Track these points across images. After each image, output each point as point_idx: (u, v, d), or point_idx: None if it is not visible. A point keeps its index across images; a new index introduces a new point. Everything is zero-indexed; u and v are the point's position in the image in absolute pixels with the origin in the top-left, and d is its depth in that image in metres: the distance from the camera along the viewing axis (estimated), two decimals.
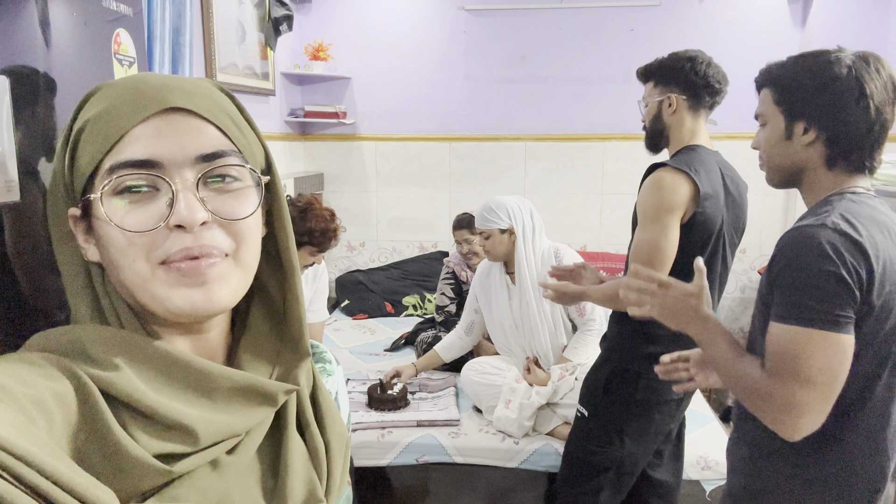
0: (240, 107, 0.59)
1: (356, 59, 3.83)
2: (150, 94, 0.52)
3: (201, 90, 0.55)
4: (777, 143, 1.21)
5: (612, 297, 1.68)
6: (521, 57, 3.75)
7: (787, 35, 3.52)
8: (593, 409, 1.85)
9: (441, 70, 3.81)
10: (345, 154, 3.97)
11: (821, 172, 1.17)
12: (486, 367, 2.47)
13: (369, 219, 4.02)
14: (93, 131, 0.52)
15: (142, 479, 0.47)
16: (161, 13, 2.09)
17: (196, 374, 0.53)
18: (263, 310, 0.62)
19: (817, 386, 1.03)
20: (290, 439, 0.58)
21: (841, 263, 1.02)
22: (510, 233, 2.38)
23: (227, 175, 0.54)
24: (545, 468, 2.22)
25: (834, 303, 1.02)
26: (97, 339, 0.51)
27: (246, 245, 0.55)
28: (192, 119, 0.53)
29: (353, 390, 2.60)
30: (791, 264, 1.06)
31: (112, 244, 0.51)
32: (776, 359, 1.06)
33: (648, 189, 1.66)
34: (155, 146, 0.51)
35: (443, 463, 2.26)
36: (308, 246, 2.08)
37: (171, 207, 0.50)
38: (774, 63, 1.22)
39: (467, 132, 3.86)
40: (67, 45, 0.82)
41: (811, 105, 1.15)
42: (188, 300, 0.52)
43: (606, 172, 3.81)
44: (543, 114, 3.80)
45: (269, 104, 3.46)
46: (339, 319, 3.66)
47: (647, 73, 1.81)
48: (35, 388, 0.44)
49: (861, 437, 1.12)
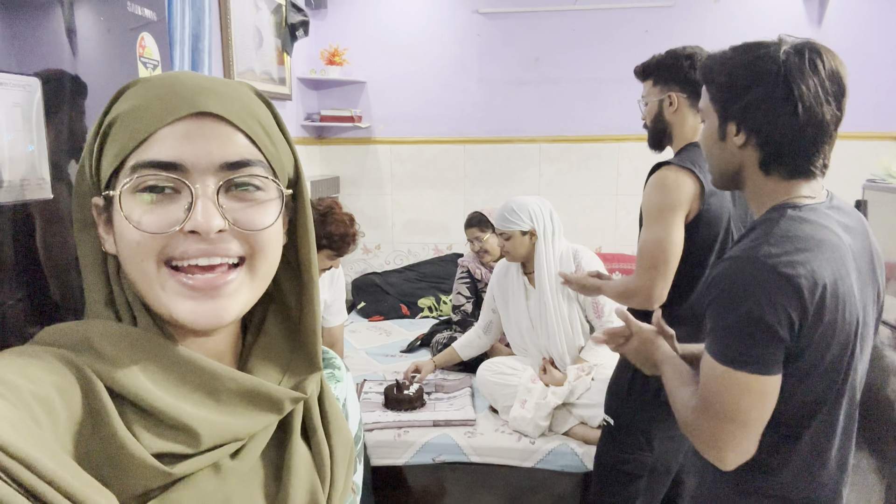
0: (275, 114, 0.58)
1: (371, 64, 3.86)
2: (184, 95, 0.52)
3: (236, 95, 0.55)
4: (712, 143, 1.14)
5: (623, 293, 1.70)
6: (535, 59, 3.77)
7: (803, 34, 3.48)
8: (619, 416, 1.83)
9: (455, 73, 3.83)
10: (360, 157, 4.00)
11: (758, 178, 1.09)
12: (502, 368, 2.48)
13: (384, 221, 4.05)
14: (122, 126, 0.52)
15: (142, 479, 0.47)
16: (181, 19, 2.13)
17: (203, 375, 0.52)
18: (279, 316, 0.61)
19: (737, 424, 1.00)
20: (294, 446, 0.58)
21: (767, 305, 0.96)
22: (531, 234, 2.38)
23: (251, 185, 0.54)
24: (561, 468, 2.22)
25: (756, 346, 0.98)
26: (105, 335, 0.51)
27: (262, 255, 0.55)
28: (223, 125, 0.53)
29: (370, 391, 2.62)
30: (717, 300, 1.01)
31: (125, 240, 0.52)
32: (702, 392, 1.05)
33: (652, 188, 1.66)
34: (181, 149, 0.51)
35: (459, 462, 2.27)
36: (327, 250, 2.10)
37: (188, 212, 0.50)
38: (713, 55, 1.13)
39: (482, 134, 3.88)
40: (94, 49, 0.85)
41: (740, 104, 1.06)
42: (192, 313, 0.52)
43: (621, 173, 3.81)
44: (558, 115, 3.81)
45: (286, 109, 3.51)
46: (356, 321, 3.68)
47: (645, 72, 1.79)
48: (40, 384, 0.44)
49: (800, 459, 1.07)
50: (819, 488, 1.08)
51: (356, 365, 2.94)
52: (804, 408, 1.05)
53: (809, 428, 1.05)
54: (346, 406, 0.73)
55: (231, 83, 0.56)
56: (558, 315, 2.39)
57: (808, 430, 1.05)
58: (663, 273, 1.62)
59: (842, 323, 1.00)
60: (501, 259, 2.59)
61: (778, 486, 1.08)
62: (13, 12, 0.71)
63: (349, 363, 2.89)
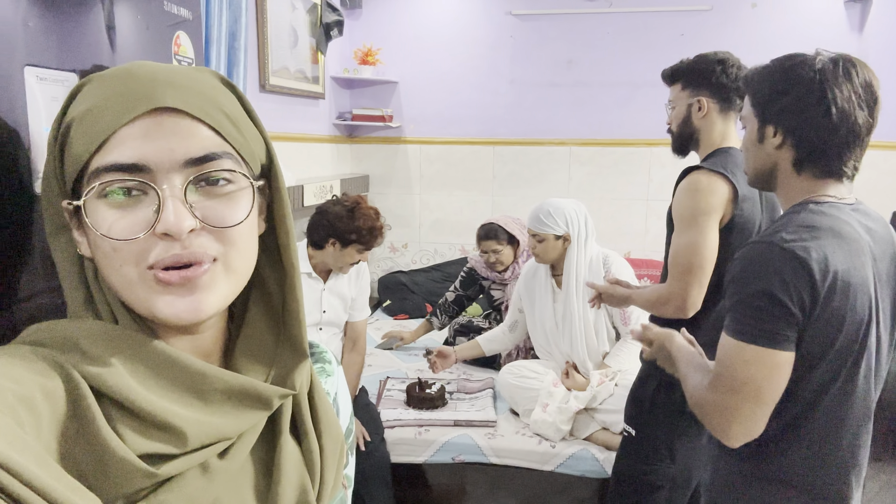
0: (242, 100, 0.56)
1: (404, 64, 3.89)
2: (139, 91, 0.49)
3: (196, 85, 0.52)
4: (752, 146, 1.22)
5: (655, 301, 1.67)
6: (568, 61, 3.75)
7: (844, 41, 3.41)
8: (641, 426, 1.80)
9: (487, 74, 3.84)
10: (390, 157, 4.03)
11: (791, 176, 1.18)
12: (524, 371, 2.47)
13: (412, 221, 4.07)
14: (80, 129, 0.50)
15: (127, 481, 0.46)
16: (218, 18, 2.18)
17: (189, 374, 0.51)
18: (262, 306, 0.60)
19: (746, 397, 1.06)
20: (283, 443, 0.57)
21: (779, 283, 1.03)
22: (565, 239, 2.37)
23: (220, 178, 0.52)
24: (581, 473, 2.21)
25: (769, 321, 1.04)
26: (91, 335, 0.50)
27: (236, 250, 0.53)
28: (183, 119, 0.50)
29: (393, 388, 2.64)
30: (735, 279, 1.10)
31: (98, 249, 0.50)
32: (717, 368, 1.11)
33: (684, 192, 1.64)
34: (142, 149, 0.49)
35: (479, 463, 2.28)
36: (356, 244, 2.14)
37: (157, 214, 0.49)
38: (754, 67, 1.23)
39: (512, 136, 3.88)
40: (131, 47, 0.88)
41: (777, 107, 1.15)
42: (172, 308, 0.51)
43: (652, 178, 3.77)
44: (589, 118, 3.78)
45: (319, 107, 3.55)
46: (381, 319, 3.71)
47: (674, 75, 1.78)
48: (24, 384, 0.43)
49: (809, 443, 1.12)
50: (827, 475, 1.13)
51: (380, 362, 2.97)
52: (811, 395, 1.10)
53: (815, 415, 1.10)
54: (337, 400, 0.72)
55: (190, 71, 0.53)
56: (583, 321, 2.38)
57: (815, 417, 1.11)
58: (699, 279, 1.59)
59: (852, 311, 1.06)
60: (530, 260, 2.59)
61: (785, 471, 1.13)
62: (54, 9, 0.74)
63: (373, 360, 2.91)
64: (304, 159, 3.36)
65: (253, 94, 2.72)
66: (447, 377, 2.75)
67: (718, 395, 1.09)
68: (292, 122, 3.21)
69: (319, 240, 2.19)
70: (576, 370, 2.42)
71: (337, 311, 2.30)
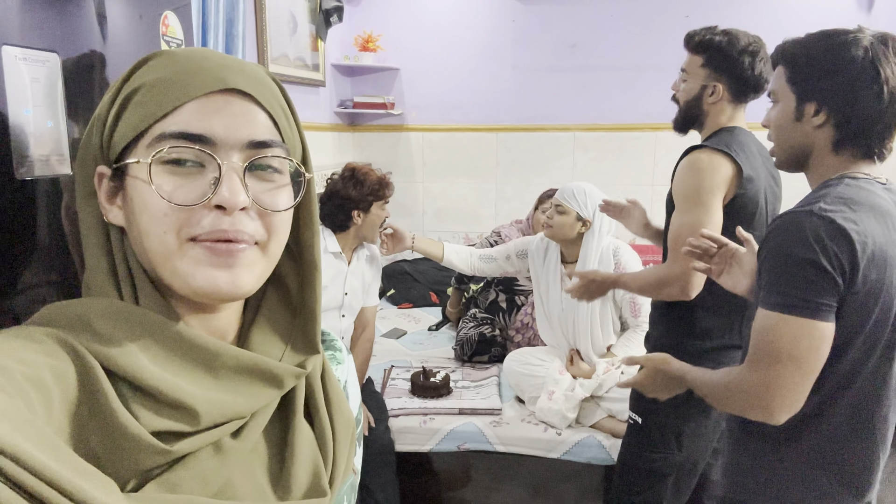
0: (288, 98, 0.58)
1: (405, 50, 3.85)
2: (212, 71, 0.52)
3: (259, 76, 0.55)
4: (786, 123, 1.18)
5: (655, 283, 1.63)
6: (571, 45, 3.70)
7: (852, 20, 3.34)
8: (646, 414, 1.77)
9: (489, 60, 3.79)
10: (392, 145, 4.00)
11: (827, 156, 1.15)
12: (530, 358, 2.45)
13: (415, 209, 4.05)
14: (147, 95, 0.51)
15: (140, 458, 0.46)
16: (215, 3, 2.15)
17: (203, 353, 0.52)
18: (278, 297, 0.61)
19: (788, 368, 1.04)
20: (297, 425, 0.57)
21: (821, 251, 1.01)
22: (584, 223, 2.34)
23: (271, 166, 0.54)
24: (587, 460, 2.20)
25: (812, 290, 1.02)
26: (104, 314, 0.50)
27: (276, 237, 0.55)
28: (249, 103, 0.53)
29: (397, 377, 2.63)
30: (774, 250, 1.07)
31: (147, 211, 0.51)
32: (755, 344, 1.09)
33: (686, 171, 1.58)
34: (210, 123, 0.51)
35: (484, 451, 2.27)
36: (376, 202, 2.24)
37: (215, 187, 0.50)
38: (790, 40, 1.18)
39: (515, 122, 3.84)
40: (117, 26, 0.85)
41: (823, 86, 1.12)
42: (212, 281, 0.51)
43: (658, 163, 3.73)
44: (593, 103, 3.74)
45: (319, 95, 3.52)
46: (386, 308, 3.70)
47: (699, 47, 1.66)
48: (34, 366, 0.43)
49: (843, 420, 1.10)
50: (856, 456, 1.12)
51: (384, 350, 2.95)
52: (845, 372, 1.08)
53: (848, 393, 1.09)
54: (347, 388, 0.73)
55: (250, 63, 0.56)
56: (589, 311, 2.34)
57: (848, 396, 1.09)
58: None
59: (888, 286, 1.05)
60: (538, 236, 2.53)
61: (815, 451, 1.12)
62: None
63: (377, 349, 2.90)
64: None
65: None
66: (451, 365, 2.74)
67: (761, 371, 1.07)
68: None
69: (344, 220, 2.22)
70: (580, 358, 2.39)
71: (357, 294, 2.32)
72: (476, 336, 2.84)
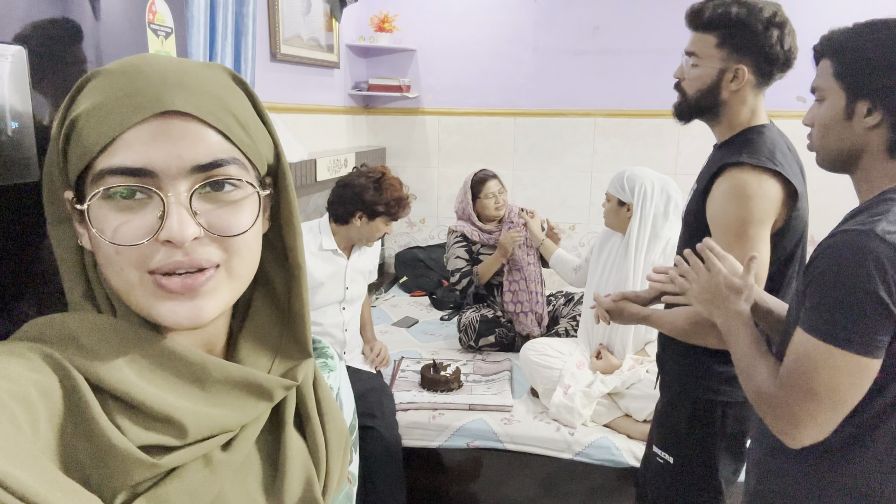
0: (252, 97, 0.55)
1: (422, 31, 3.74)
2: (147, 92, 0.48)
3: (206, 86, 0.51)
4: (834, 123, 1.06)
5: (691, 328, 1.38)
6: (594, 28, 3.57)
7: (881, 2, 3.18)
8: (679, 453, 1.53)
9: (509, 42, 3.67)
10: (407, 128, 3.91)
11: (880, 160, 1.03)
12: (547, 349, 2.37)
13: (430, 195, 3.97)
14: (85, 127, 0.49)
15: (128, 473, 0.46)
16: None
17: (189, 366, 0.51)
18: (266, 301, 0.60)
19: (824, 403, 0.96)
20: (288, 435, 0.57)
21: (882, 283, 0.90)
22: (628, 208, 2.26)
23: (226, 183, 0.51)
24: (600, 462, 2.13)
25: (865, 325, 0.92)
26: (90, 329, 0.50)
27: (239, 257, 0.53)
28: (192, 123, 0.49)
29: (407, 369, 2.58)
30: (828, 273, 0.96)
31: (100, 250, 0.50)
32: (791, 367, 1.00)
33: (729, 198, 1.32)
34: (149, 153, 0.48)
35: (494, 449, 2.21)
36: (383, 216, 2.15)
37: (162, 221, 0.48)
38: (838, 30, 1.06)
39: (534, 107, 3.73)
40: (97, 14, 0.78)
41: (879, 83, 1.00)
42: (172, 314, 0.50)
43: (681, 151, 3.61)
44: (615, 88, 3.61)
45: (334, 77, 3.43)
46: (397, 295, 3.65)
47: (710, 23, 1.40)
48: (18, 382, 0.43)
49: (874, 455, 1.01)
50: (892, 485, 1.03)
51: (395, 341, 2.90)
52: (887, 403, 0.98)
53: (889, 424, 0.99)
54: (340, 395, 0.72)
55: (201, 69, 0.52)
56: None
57: (887, 426, 0.99)
58: None
59: None
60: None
61: (851, 478, 1.03)
62: None
63: (388, 339, 2.85)
64: (318, 132, 3.25)
65: (263, 64, 2.61)
66: (462, 358, 2.68)
67: (793, 397, 0.98)
68: (305, 93, 3.10)
69: (345, 214, 2.15)
70: (609, 352, 2.32)
71: (359, 286, 2.31)
72: (478, 318, 2.80)
